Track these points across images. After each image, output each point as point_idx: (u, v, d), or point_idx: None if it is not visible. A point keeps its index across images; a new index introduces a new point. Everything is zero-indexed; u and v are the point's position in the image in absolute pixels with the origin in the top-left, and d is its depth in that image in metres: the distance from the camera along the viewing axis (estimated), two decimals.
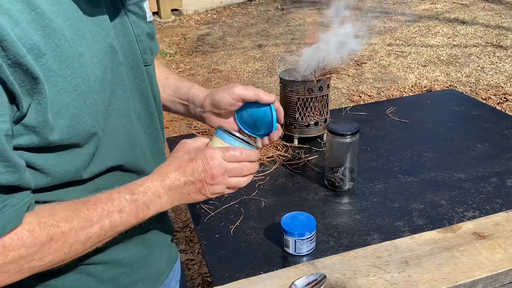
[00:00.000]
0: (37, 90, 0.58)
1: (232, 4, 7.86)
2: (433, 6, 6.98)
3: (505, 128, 1.54)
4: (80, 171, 0.70)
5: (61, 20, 0.61)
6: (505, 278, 0.90)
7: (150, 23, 0.83)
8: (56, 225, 0.64)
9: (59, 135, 0.63)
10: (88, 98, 0.65)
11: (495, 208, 1.14)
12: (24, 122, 0.60)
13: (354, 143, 1.20)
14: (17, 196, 0.62)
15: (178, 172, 0.76)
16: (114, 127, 0.73)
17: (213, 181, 0.77)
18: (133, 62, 0.78)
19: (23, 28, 0.56)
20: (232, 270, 0.98)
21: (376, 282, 0.87)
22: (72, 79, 0.62)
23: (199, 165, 0.76)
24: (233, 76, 4.76)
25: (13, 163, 0.59)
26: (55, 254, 0.64)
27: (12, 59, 0.55)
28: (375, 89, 4.26)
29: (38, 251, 0.62)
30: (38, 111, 0.60)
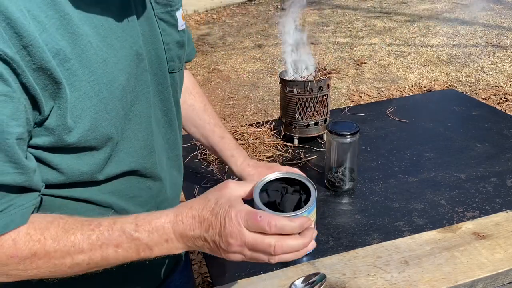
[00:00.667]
0: (59, 94, 0.60)
1: (232, 4, 7.86)
2: (433, 6, 6.99)
3: (505, 128, 1.54)
4: (95, 173, 0.70)
5: (88, 27, 0.62)
6: (505, 278, 0.90)
7: (181, 31, 0.83)
8: (42, 242, 0.62)
9: (77, 138, 0.64)
10: (109, 103, 0.66)
11: (495, 208, 1.14)
12: (45, 125, 0.61)
13: (354, 143, 1.20)
14: (24, 197, 0.62)
15: (194, 222, 0.65)
16: (133, 132, 0.73)
17: (228, 249, 0.63)
18: (157, 69, 0.78)
19: (51, 34, 0.58)
20: (232, 270, 0.98)
21: (376, 282, 0.87)
22: (95, 85, 0.63)
23: (216, 224, 0.63)
24: (233, 76, 4.76)
25: (22, 165, 0.60)
26: (38, 269, 0.63)
27: (37, 63, 0.56)
28: (375, 89, 4.26)
29: (20, 262, 0.61)
30: (59, 114, 0.61)
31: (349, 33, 5.98)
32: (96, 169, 0.69)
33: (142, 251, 0.65)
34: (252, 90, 4.41)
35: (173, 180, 0.89)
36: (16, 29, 0.54)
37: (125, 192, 0.75)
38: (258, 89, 4.42)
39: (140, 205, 0.80)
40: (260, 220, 0.61)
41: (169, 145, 0.86)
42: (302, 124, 1.47)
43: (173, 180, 0.89)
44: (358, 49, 5.32)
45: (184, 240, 0.65)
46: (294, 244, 0.63)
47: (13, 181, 0.59)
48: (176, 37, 0.82)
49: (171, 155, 0.88)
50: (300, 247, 0.63)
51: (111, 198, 0.75)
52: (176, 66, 0.84)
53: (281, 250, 0.62)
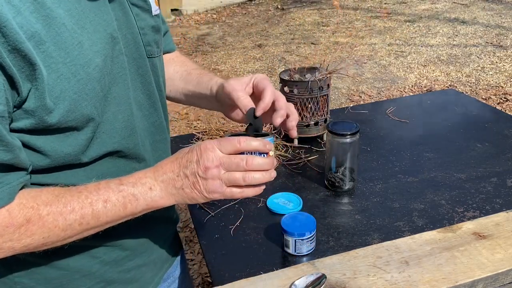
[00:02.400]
0: (35, 76, 0.61)
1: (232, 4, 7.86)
2: (433, 6, 6.99)
3: (505, 128, 1.54)
4: (79, 154, 0.71)
5: (62, 10, 0.63)
6: (505, 278, 0.90)
7: (156, 16, 0.84)
8: (35, 208, 0.65)
9: (58, 118, 0.65)
10: (87, 84, 0.67)
11: (495, 208, 1.14)
12: (24, 107, 0.62)
13: (354, 143, 1.20)
14: (12, 175, 0.63)
15: (173, 164, 0.71)
16: (113, 114, 0.74)
17: (206, 175, 0.69)
18: (136, 53, 0.79)
19: (25, 17, 0.59)
20: (232, 270, 0.98)
21: (376, 282, 0.87)
22: (72, 66, 0.64)
23: (193, 156, 0.70)
24: (233, 76, 4.76)
25: (7, 142, 0.61)
26: (32, 237, 0.65)
27: (12, 45, 0.57)
28: (375, 89, 4.26)
29: (15, 231, 0.63)
30: (37, 96, 0.62)
31: (349, 33, 5.98)
32: (80, 150, 0.70)
33: (129, 203, 0.69)
34: None
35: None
36: None
37: (111, 175, 0.74)
38: None
39: None
40: (231, 139, 0.70)
41: (155, 128, 0.87)
42: (302, 124, 1.47)
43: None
44: (358, 49, 5.32)
45: (165, 184, 0.70)
46: (262, 162, 0.71)
47: None
48: (151, 22, 0.82)
49: (158, 138, 0.88)
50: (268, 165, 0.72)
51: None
52: (154, 51, 0.84)
53: (252, 164, 0.70)
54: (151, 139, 0.86)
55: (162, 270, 0.98)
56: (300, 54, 5.30)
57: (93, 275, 0.81)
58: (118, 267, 0.84)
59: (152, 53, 0.84)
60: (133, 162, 0.81)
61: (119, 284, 0.86)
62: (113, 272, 0.84)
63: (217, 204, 1.22)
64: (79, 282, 0.80)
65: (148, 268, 0.92)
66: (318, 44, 5.60)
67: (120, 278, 0.85)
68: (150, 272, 0.93)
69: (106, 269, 0.82)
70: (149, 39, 0.82)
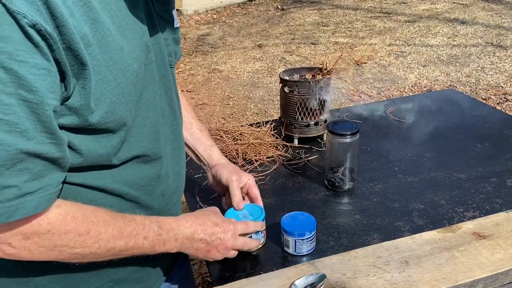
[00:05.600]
0: (84, 75, 0.64)
1: (232, 4, 7.86)
2: (433, 6, 6.98)
3: (505, 128, 1.54)
4: (111, 156, 0.74)
5: (106, 16, 0.66)
6: (505, 278, 0.90)
7: (176, 29, 0.89)
8: (95, 224, 0.71)
9: (98, 119, 0.68)
10: (125, 88, 0.70)
11: (495, 208, 1.14)
12: (68, 104, 0.65)
13: (354, 143, 1.20)
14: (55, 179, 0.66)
15: (201, 228, 0.87)
16: (142, 119, 0.78)
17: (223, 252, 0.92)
18: (161, 62, 0.83)
19: (77, 19, 0.62)
20: (232, 270, 0.98)
21: (376, 282, 0.87)
22: (113, 70, 0.67)
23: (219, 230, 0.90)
24: (233, 76, 4.76)
25: (57, 136, 0.64)
26: (83, 248, 0.70)
27: (67, 43, 0.60)
28: (375, 89, 4.26)
29: (73, 238, 0.68)
30: (82, 94, 0.65)
31: (349, 33, 5.98)
32: (112, 152, 0.74)
33: (157, 245, 0.80)
34: (252, 90, 4.41)
35: (177, 170, 0.94)
36: (51, 9, 0.58)
37: (135, 180, 0.80)
38: (258, 89, 4.42)
39: (149, 193, 0.85)
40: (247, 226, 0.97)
41: (174, 135, 0.91)
42: (302, 124, 1.47)
43: (177, 170, 0.94)
44: (358, 49, 5.32)
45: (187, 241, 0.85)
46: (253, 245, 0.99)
47: (48, 151, 0.62)
48: (173, 34, 0.88)
49: (176, 145, 0.92)
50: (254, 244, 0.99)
51: (123, 187, 0.79)
52: (173, 62, 0.89)
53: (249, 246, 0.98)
54: (171, 146, 0.90)
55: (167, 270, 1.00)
56: (300, 54, 5.30)
57: (104, 275, 0.84)
58: (126, 267, 0.86)
59: (172, 63, 0.88)
60: (156, 167, 0.85)
61: (127, 284, 0.88)
62: (123, 272, 0.86)
63: (217, 204, 1.22)
64: (90, 281, 0.83)
65: (155, 269, 0.94)
66: (318, 44, 5.60)
67: (128, 278, 0.88)
68: (157, 273, 0.95)
69: (115, 269, 0.84)
70: (171, 49, 0.87)
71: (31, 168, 0.61)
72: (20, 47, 0.57)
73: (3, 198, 0.60)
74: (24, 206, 0.61)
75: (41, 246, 0.67)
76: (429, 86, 4.25)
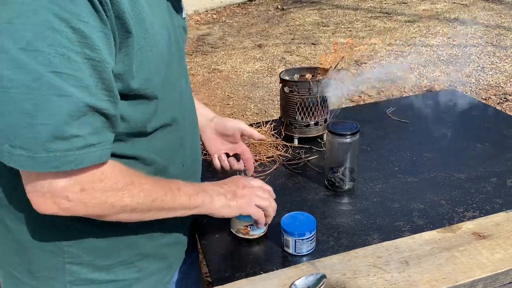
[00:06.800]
0: (127, 43, 0.69)
1: (232, 4, 7.86)
2: (433, 6, 6.98)
3: (505, 128, 1.54)
4: (146, 122, 0.80)
5: None
6: (505, 278, 0.91)
7: (184, 19, 0.94)
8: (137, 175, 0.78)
9: (138, 85, 0.73)
10: (158, 59, 0.76)
11: (495, 208, 1.14)
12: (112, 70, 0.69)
13: (354, 143, 1.20)
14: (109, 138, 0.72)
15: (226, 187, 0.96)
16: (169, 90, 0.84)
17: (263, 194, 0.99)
18: (177, 46, 0.88)
19: None
20: (232, 270, 0.98)
21: (376, 282, 0.87)
22: (149, 41, 0.73)
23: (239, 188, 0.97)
24: (233, 76, 4.76)
25: (114, 94, 0.69)
26: (131, 198, 0.76)
27: (116, 12, 0.65)
28: (375, 89, 4.26)
29: (122, 188, 0.74)
30: (125, 61, 0.70)
31: (349, 33, 5.98)
32: (147, 119, 0.80)
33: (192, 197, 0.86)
34: (252, 90, 4.41)
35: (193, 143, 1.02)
36: None
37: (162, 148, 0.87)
38: (258, 89, 4.42)
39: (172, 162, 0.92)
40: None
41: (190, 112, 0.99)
42: (302, 124, 1.47)
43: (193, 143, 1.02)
44: (358, 49, 5.32)
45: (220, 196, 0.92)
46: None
47: (107, 107, 0.68)
48: (182, 22, 0.92)
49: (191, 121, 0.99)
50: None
51: (153, 155, 0.86)
52: (183, 48, 0.95)
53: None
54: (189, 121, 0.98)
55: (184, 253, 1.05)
56: (300, 54, 5.29)
57: (133, 247, 0.88)
58: (154, 241, 0.92)
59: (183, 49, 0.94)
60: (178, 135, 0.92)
61: (152, 259, 0.93)
62: (150, 246, 0.91)
63: None
64: (121, 253, 0.87)
65: (178, 248, 1.00)
66: (318, 44, 5.60)
67: (154, 253, 0.92)
68: (178, 252, 1.01)
69: (144, 242, 0.90)
70: (182, 37, 0.93)
71: (92, 122, 0.67)
72: (85, 9, 0.62)
73: (72, 146, 0.65)
74: (89, 156, 0.67)
75: (94, 198, 0.71)
76: (429, 86, 4.25)
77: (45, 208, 0.70)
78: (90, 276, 0.85)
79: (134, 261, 0.89)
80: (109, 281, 0.87)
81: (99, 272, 0.85)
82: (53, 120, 0.63)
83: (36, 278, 0.85)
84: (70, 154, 0.65)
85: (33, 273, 0.85)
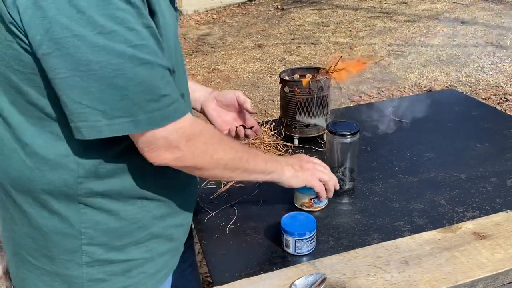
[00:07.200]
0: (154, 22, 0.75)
1: (232, 4, 7.86)
2: (433, 6, 6.98)
3: (505, 128, 1.54)
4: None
5: None
6: (505, 278, 0.91)
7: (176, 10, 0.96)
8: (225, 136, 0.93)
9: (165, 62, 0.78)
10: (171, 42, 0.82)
11: (495, 208, 1.14)
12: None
13: (354, 143, 1.20)
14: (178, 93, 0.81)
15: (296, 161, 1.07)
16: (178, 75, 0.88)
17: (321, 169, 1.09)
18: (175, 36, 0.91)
19: None
20: (232, 270, 0.98)
21: (376, 282, 0.87)
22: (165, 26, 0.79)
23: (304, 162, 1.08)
24: (233, 76, 4.76)
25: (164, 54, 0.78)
26: (225, 152, 0.88)
27: None
28: (375, 89, 4.26)
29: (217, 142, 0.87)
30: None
31: (349, 33, 5.98)
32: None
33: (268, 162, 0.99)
34: (252, 90, 4.41)
35: None
36: None
37: None
38: (258, 89, 4.42)
39: None
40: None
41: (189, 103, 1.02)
42: (302, 124, 1.47)
43: None
44: (358, 49, 5.32)
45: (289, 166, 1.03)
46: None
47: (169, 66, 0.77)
48: (175, 14, 0.93)
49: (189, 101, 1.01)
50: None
51: None
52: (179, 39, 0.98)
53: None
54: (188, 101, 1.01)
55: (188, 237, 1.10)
56: (300, 54, 5.29)
57: (145, 227, 0.91)
58: (163, 222, 0.94)
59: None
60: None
61: (161, 239, 0.95)
62: (159, 227, 0.93)
63: (217, 204, 1.22)
64: (134, 233, 0.90)
65: (183, 229, 1.01)
66: (318, 44, 5.60)
67: (163, 234, 0.95)
68: (184, 235, 1.03)
69: (154, 222, 0.92)
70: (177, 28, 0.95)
71: (170, 81, 0.77)
72: None
73: (164, 104, 0.76)
74: (178, 109, 0.78)
75: (198, 148, 0.83)
76: (429, 86, 4.25)
77: (162, 159, 0.80)
78: (105, 257, 0.87)
79: (145, 241, 0.91)
80: (123, 260, 0.89)
81: (113, 252, 0.88)
82: (142, 87, 0.72)
83: (53, 261, 0.87)
84: (164, 111, 0.76)
85: (50, 257, 0.87)
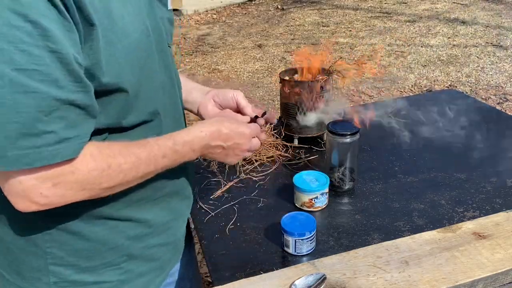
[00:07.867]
0: (92, 36, 0.67)
1: (232, 4, 7.86)
2: (433, 6, 6.98)
3: (505, 128, 1.54)
4: (121, 118, 0.78)
5: None
6: (505, 278, 0.90)
7: (170, 11, 0.92)
8: (113, 157, 0.74)
9: (109, 79, 0.71)
10: (129, 53, 0.74)
11: (495, 208, 1.14)
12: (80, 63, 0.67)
13: (354, 143, 1.20)
14: (88, 128, 0.70)
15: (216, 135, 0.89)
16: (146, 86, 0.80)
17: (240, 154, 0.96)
18: (158, 38, 0.85)
19: None
20: (232, 270, 0.98)
21: (376, 282, 0.87)
22: (118, 34, 0.71)
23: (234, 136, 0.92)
24: (233, 76, 4.76)
25: (85, 84, 0.67)
26: (109, 182, 0.74)
27: (76, 4, 0.64)
28: (375, 89, 4.26)
29: (98, 175, 0.72)
30: (90, 55, 0.68)
31: (349, 33, 5.98)
32: (122, 114, 0.78)
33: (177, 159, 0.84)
34: (252, 90, 4.41)
35: None
36: None
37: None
38: (258, 89, 4.42)
39: None
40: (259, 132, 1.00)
41: (174, 107, 0.94)
42: (302, 124, 1.46)
43: None
44: (358, 49, 5.32)
45: (203, 149, 0.89)
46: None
47: (79, 98, 0.66)
48: (167, 14, 0.90)
49: (177, 117, 0.96)
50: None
51: None
52: (170, 41, 0.92)
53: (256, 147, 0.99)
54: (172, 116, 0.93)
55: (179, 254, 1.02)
56: None
57: (118, 249, 0.86)
58: (141, 243, 0.89)
59: (168, 42, 0.91)
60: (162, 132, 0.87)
61: (140, 260, 0.90)
62: (136, 247, 0.88)
63: (217, 204, 1.22)
64: (105, 255, 0.85)
65: (168, 248, 0.96)
66: (318, 44, 5.60)
67: (142, 254, 0.90)
68: (169, 253, 0.97)
69: (129, 243, 0.87)
70: (166, 29, 0.89)
71: (66, 116, 0.66)
72: (42, 3, 0.61)
73: (44, 143, 0.64)
74: (62, 151, 0.66)
75: (70, 189, 0.70)
76: (429, 86, 4.25)
77: (24, 207, 0.69)
78: (75, 278, 0.84)
79: (120, 263, 0.87)
80: (94, 282, 0.85)
81: (83, 274, 0.84)
82: (21, 118, 0.62)
83: (23, 279, 0.84)
84: (42, 150, 0.64)
85: (20, 274, 0.84)
